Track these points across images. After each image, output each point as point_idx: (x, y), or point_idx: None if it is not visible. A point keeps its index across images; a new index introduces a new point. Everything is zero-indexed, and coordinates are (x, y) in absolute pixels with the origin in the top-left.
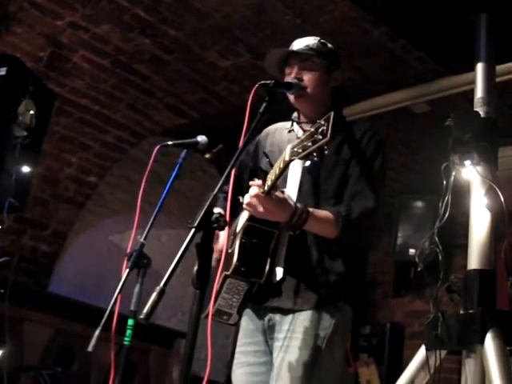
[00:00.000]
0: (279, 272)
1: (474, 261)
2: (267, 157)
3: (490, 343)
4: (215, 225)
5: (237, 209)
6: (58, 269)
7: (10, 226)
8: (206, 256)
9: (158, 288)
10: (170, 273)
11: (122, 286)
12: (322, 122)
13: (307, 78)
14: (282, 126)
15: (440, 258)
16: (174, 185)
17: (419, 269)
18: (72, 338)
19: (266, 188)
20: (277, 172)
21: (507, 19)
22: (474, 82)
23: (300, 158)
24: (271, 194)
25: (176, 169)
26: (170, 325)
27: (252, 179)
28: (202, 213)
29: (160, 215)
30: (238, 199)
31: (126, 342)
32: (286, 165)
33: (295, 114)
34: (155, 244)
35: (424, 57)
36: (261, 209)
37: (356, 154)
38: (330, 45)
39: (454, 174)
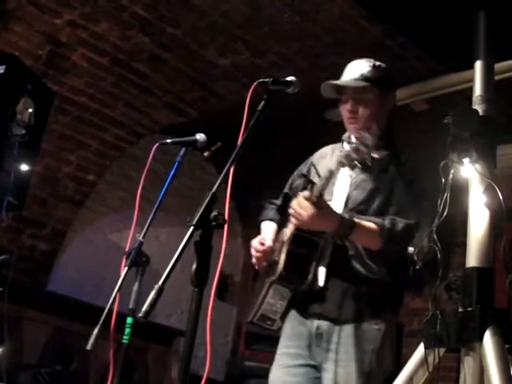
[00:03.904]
0: (321, 279)
1: (472, 259)
2: (315, 168)
3: (488, 341)
4: (214, 223)
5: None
6: (57, 267)
7: (9, 224)
8: (205, 254)
9: (156, 286)
10: (169, 271)
11: (121, 284)
12: (367, 136)
13: (362, 111)
14: (334, 147)
15: (439, 255)
16: (172, 183)
17: (418, 267)
18: (71, 336)
19: (313, 198)
20: (324, 181)
21: (506, 17)
22: (472, 79)
23: (345, 167)
24: (317, 204)
25: (175, 167)
26: (168, 323)
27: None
28: (201, 211)
29: (159, 213)
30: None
31: (124, 340)
32: (331, 174)
33: (346, 134)
34: (154, 242)
35: (423, 55)
36: (306, 218)
37: (402, 173)
38: (383, 65)
39: (452, 171)
